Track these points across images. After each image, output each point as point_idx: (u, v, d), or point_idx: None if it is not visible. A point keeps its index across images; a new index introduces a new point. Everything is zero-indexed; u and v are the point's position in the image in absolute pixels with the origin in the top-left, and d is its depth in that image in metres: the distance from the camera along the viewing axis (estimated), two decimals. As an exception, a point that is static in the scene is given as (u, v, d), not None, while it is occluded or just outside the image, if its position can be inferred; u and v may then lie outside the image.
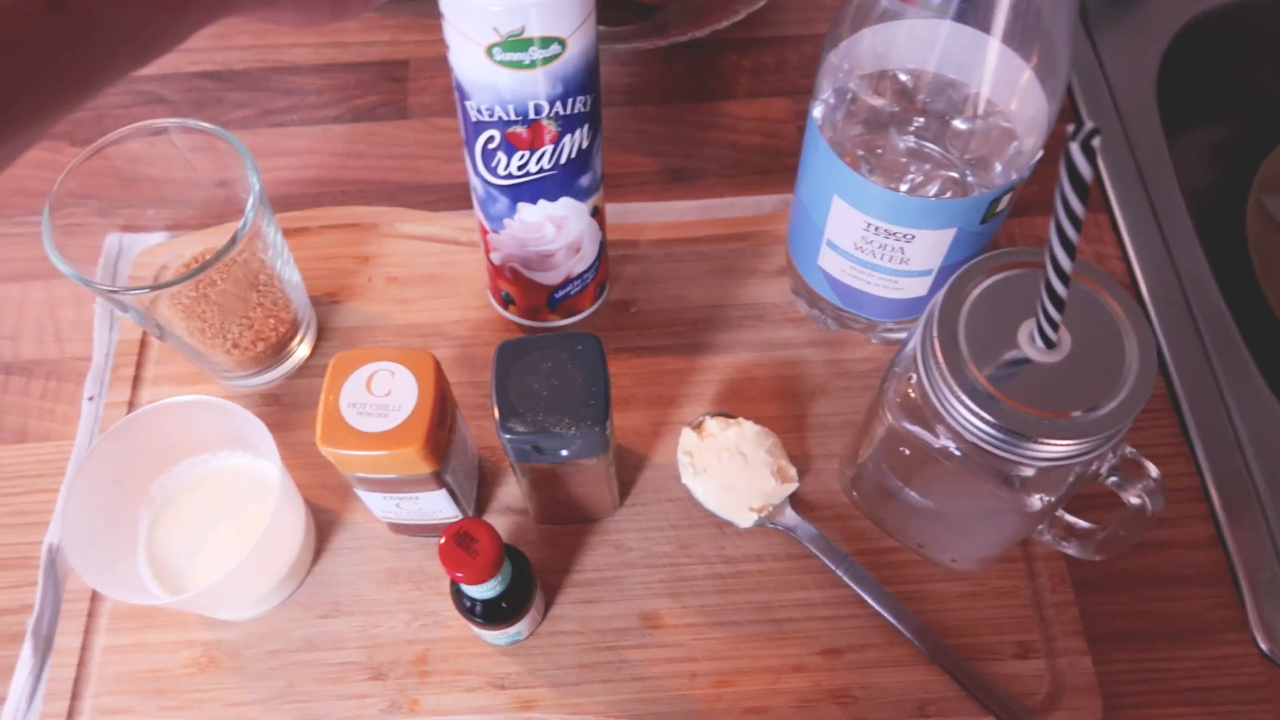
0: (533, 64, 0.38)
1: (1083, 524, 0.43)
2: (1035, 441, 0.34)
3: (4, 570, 0.49)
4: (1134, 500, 0.38)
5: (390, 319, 0.54)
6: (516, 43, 0.37)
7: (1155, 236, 0.58)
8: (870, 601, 0.45)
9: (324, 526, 0.48)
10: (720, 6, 0.60)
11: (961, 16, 0.36)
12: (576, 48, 0.39)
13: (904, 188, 0.42)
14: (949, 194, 0.41)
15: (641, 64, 0.65)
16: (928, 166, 0.40)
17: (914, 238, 0.42)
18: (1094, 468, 0.37)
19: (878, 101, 0.40)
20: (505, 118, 0.40)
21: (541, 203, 0.44)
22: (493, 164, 0.43)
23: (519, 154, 0.42)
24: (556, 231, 0.46)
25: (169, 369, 0.53)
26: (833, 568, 0.46)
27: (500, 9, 0.36)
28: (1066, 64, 0.37)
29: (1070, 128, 0.25)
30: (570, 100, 0.40)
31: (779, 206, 0.57)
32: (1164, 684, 0.45)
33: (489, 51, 0.38)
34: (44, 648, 0.46)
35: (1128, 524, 0.39)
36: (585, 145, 0.43)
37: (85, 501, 0.42)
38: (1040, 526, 0.43)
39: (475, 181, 0.45)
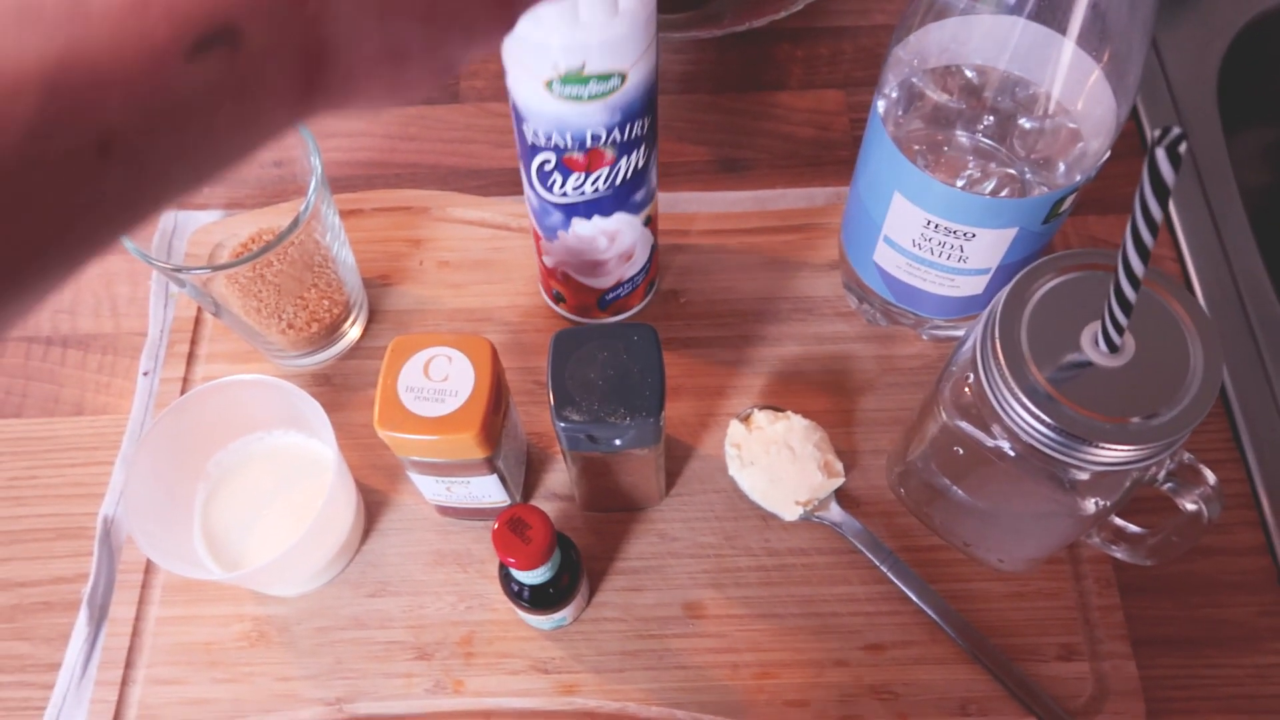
0: (592, 97, 0.38)
1: (1133, 528, 0.43)
2: (1093, 445, 0.34)
3: (61, 540, 0.50)
4: (1190, 507, 0.38)
5: (441, 303, 0.54)
6: (576, 78, 0.37)
7: (1211, 237, 0.57)
8: (914, 598, 0.45)
9: (372, 507, 0.49)
10: (777, -4, 0.60)
11: (1036, 14, 0.36)
12: (637, 77, 0.39)
13: (960, 183, 0.41)
14: (1006, 192, 0.41)
15: (695, 52, 0.64)
16: (992, 165, 0.40)
17: (974, 236, 0.41)
18: (1150, 473, 0.37)
19: (944, 97, 0.40)
20: (562, 144, 0.40)
21: (596, 218, 0.45)
22: (548, 184, 0.43)
23: (575, 176, 0.42)
24: (609, 243, 0.46)
25: (223, 346, 0.54)
26: (877, 563, 0.46)
27: (560, 46, 0.36)
28: (1139, 67, 0.36)
29: (1156, 132, 0.25)
30: (629, 126, 0.40)
31: (831, 199, 0.57)
32: (1208, 691, 0.45)
33: (548, 85, 0.38)
34: (99, 617, 0.47)
35: (1182, 530, 0.39)
36: (641, 165, 0.43)
37: (146, 475, 0.43)
38: (1090, 530, 0.42)
39: (530, 194, 0.45)
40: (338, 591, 0.47)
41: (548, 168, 0.42)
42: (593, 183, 0.42)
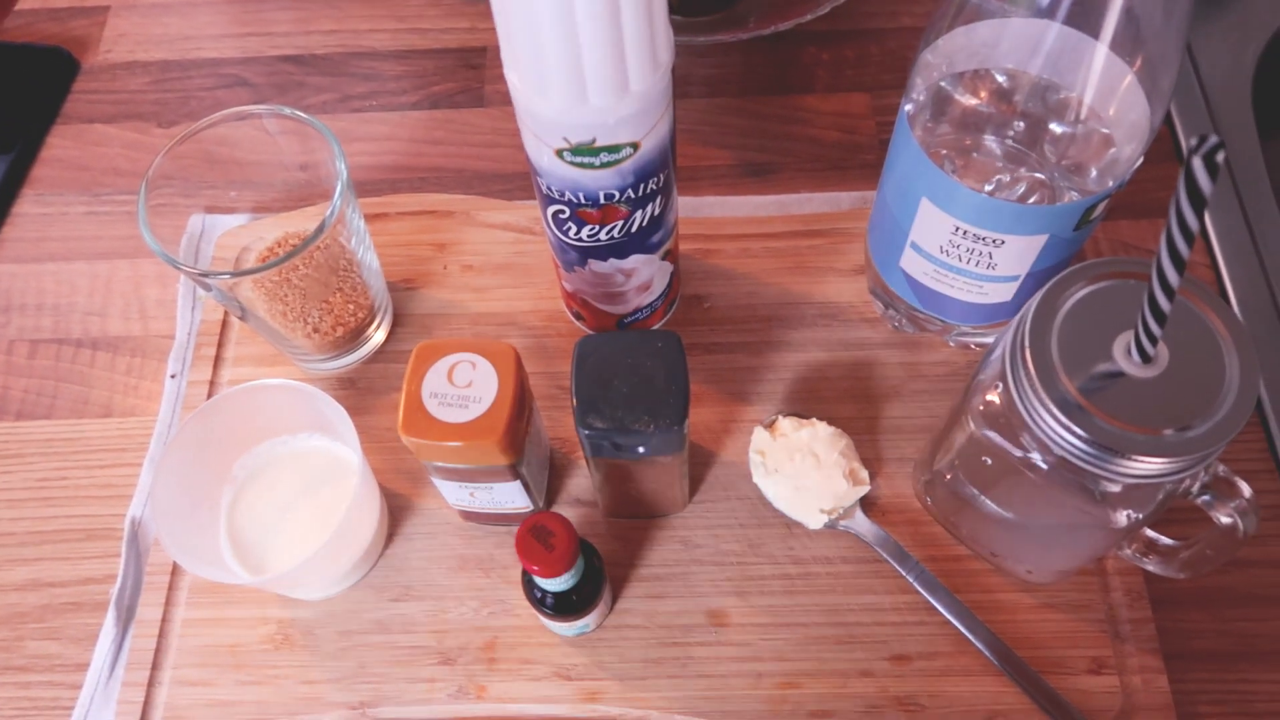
0: (604, 165, 0.38)
1: (1166, 540, 0.42)
2: (1126, 458, 0.33)
3: (90, 540, 0.50)
4: (1225, 520, 0.37)
5: (465, 307, 0.54)
6: (586, 150, 0.37)
7: (1246, 242, 0.56)
8: (940, 609, 0.45)
9: (396, 511, 0.49)
10: (802, -1, 0.59)
11: (1068, 18, 0.35)
12: (650, 144, 0.39)
13: (988, 188, 0.41)
14: (1034, 198, 0.40)
15: (719, 55, 0.64)
16: (1022, 170, 0.39)
17: (1004, 243, 0.41)
18: (1184, 485, 0.36)
19: (973, 101, 0.39)
20: (575, 201, 0.40)
21: (612, 260, 0.44)
22: (564, 229, 0.43)
23: (589, 226, 0.42)
24: (626, 279, 0.46)
25: (249, 350, 0.54)
26: (903, 573, 0.46)
27: (571, 125, 0.36)
28: (1174, 72, 0.36)
29: (1193, 140, 0.25)
30: (642, 185, 0.40)
31: (856, 204, 0.57)
32: (1242, 706, 0.44)
33: (559, 154, 0.38)
34: (126, 618, 0.48)
35: (1216, 544, 0.38)
36: (658, 213, 0.43)
37: (173, 479, 0.43)
38: (1121, 542, 0.42)
39: (547, 231, 0.45)
40: (361, 595, 0.47)
41: (562, 216, 0.42)
42: (608, 232, 0.42)
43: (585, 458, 0.43)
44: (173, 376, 0.54)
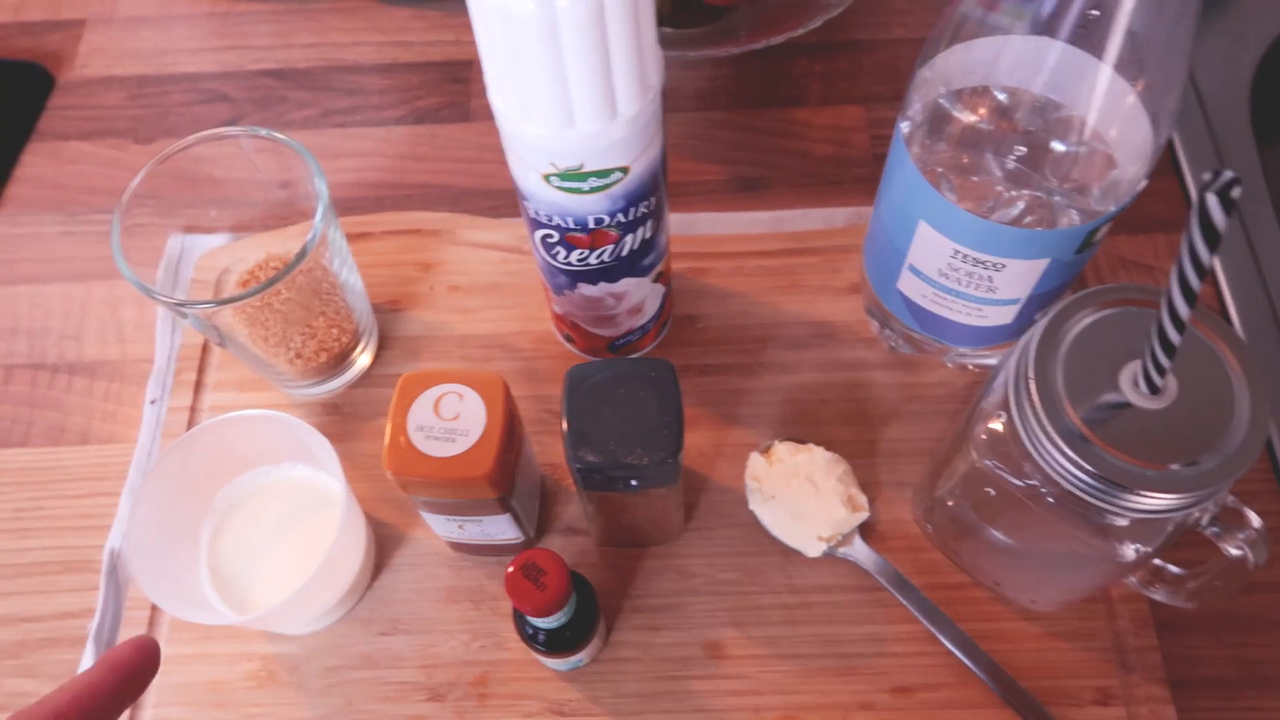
0: (593, 189, 0.37)
1: (1173, 569, 0.41)
2: (1132, 492, 0.32)
3: (67, 573, 0.49)
4: (1234, 551, 0.36)
5: (452, 329, 0.53)
6: (574, 175, 0.36)
7: (1246, 255, 0.55)
8: (942, 639, 0.44)
9: (384, 542, 0.48)
10: (794, 13, 0.58)
11: (1070, 37, 0.34)
12: (640, 168, 0.37)
13: (987, 208, 0.40)
14: (1030, 219, 0.39)
15: (710, 68, 0.63)
16: (1025, 191, 0.38)
17: (1004, 267, 0.40)
18: (1193, 518, 0.35)
19: (972, 119, 0.38)
20: (564, 225, 0.39)
21: (602, 284, 0.43)
22: (552, 253, 0.42)
23: (579, 250, 0.41)
24: (617, 302, 0.45)
25: (231, 374, 0.53)
26: (903, 602, 0.45)
27: (558, 150, 0.35)
28: (1178, 94, 0.35)
29: (1206, 175, 0.24)
30: (633, 209, 0.39)
31: (851, 220, 0.56)
32: (1249, 734, 0.43)
33: (545, 178, 0.37)
34: (105, 654, 0.46)
35: (1225, 575, 0.37)
36: (649, 236, 0.42)
37: (150, 514, 0.42)
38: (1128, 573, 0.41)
39: (535, 255, 0.44)
40: (348, 629, 0.46)
41: (551, 240, 0.41)
42: (598, 256, 0.41)
43: (577, 489, 0.41)
44: (152, 402, 0.53)
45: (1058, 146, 0.38)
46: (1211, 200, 0.24)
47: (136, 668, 0.30)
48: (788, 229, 0.55)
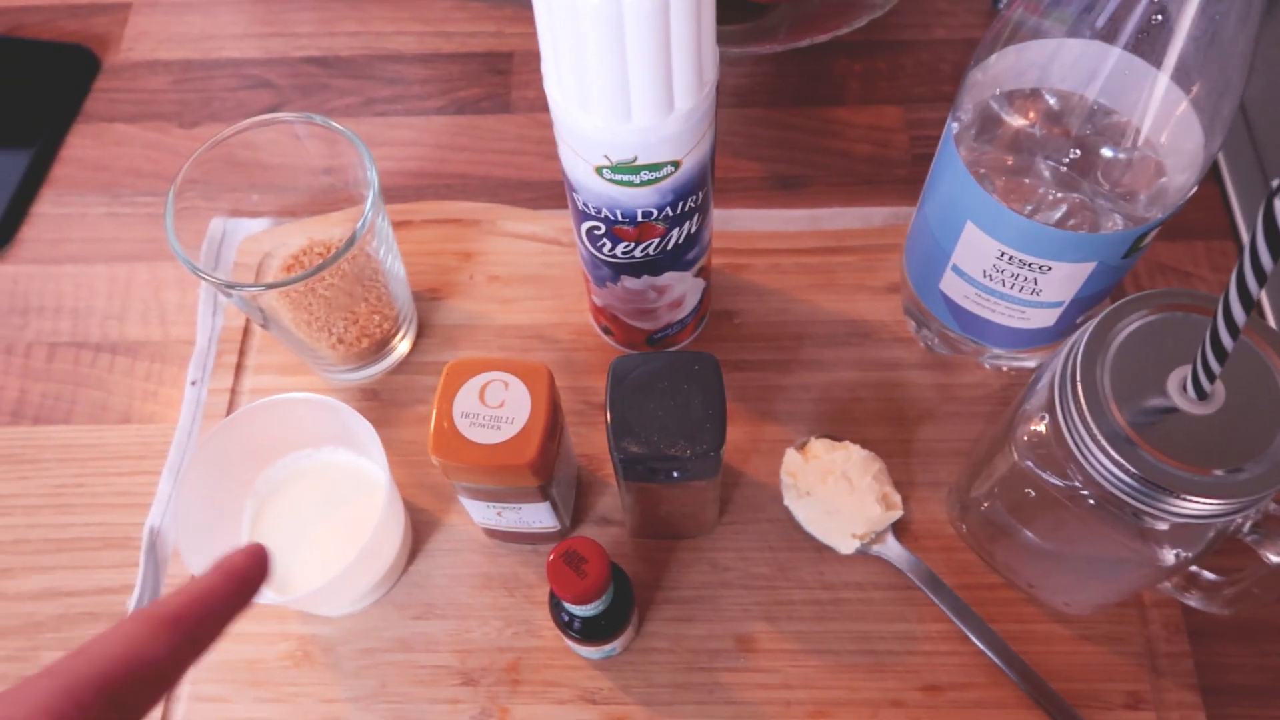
0: (644, 183, 0.37)
1: (1209, 575, 0.41)
2: (1176, 496, 0.32)
3: (107, 549, 0.49)
4: (1275, 559, 0.36)
5: (491, 319, 0.54)
6: (627, 169, 0.36)
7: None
8: (973, 638, 0.44)
9: (420, 527, 0.48)
10: (836, 11, 0.58)
11: (1128, 44, 0.34)
12: (691, 162, 0.38)
13: (1029, 209, 0.40)
14: (1074, 221, 0.40)
15: (751, 65, 0.63)
16: (1074, 196, 0.39)
17: (1050, 269, 0.40)
18: (1235, 524, 0.35)
19: (1023, 123, 0.39)
20: (612, 218, 0.40)
21: (645, 276, 0.44)
22: (598, 245, 0.42)
23: (625, 243, 0.41)
24: (659, 295, 0.45)
25: (271, 358, 0.53)
26: (935, 601, 0.45)
27: (613, 143, 0.35)
28: (1235, 103, 0.35)
29: (1276, 182, 0.24)
30: (681, 203, 0.39)
31: (889, 220, 0.56)
32: (1280, 743, 0.43)
33: (598, 171, 0.37)
34: (144, 630, 0.47)
35: (1264, 583, 0.37)
36: (694, 231, 0.42)
37: (195, 492, 0.43)
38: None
39: (580, 247, 0.44)
40: (383, 612, 0.46)
41: (597, 233, 0.41)
42: (643, 249, 0.41)
43: (617, 479, 0.42)
44: (193, 383, 0.53)
45: (1108, 152, 0.38)
46: (1279, 205, 0.24)
47: (250, 573, 0.29)
48: (825, 227, 0.56)
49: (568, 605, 0.40)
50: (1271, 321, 0.53)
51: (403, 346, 0.52)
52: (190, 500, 0.42)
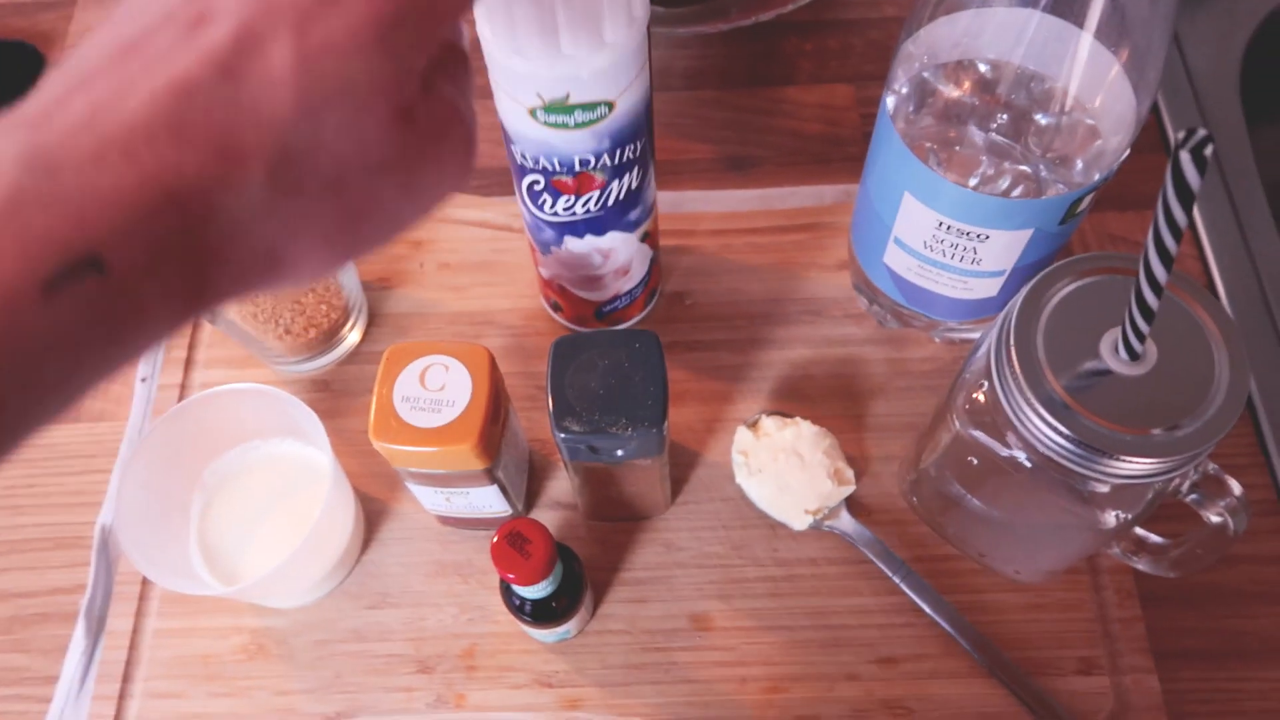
0: (578, 125, 0.37)
1: (1155, 539, 0.41)
2: (1113, 458, 0.32)
3: (58, 549, 0.49)
4: (1214, 519, 0.36)
5: (442, 306, 0.53)
6: (560, 108, 0.36)
7: (1234, 233, 0.55)
8: (927, 610, 0.44)
9: (372, 516, 0.48)
10: (786, -12, 0.58)
11: (1052, 7, 0.34)
12: (625, 105, 0.37)
13: (972, 182, 0.40)
14: (1019, 190, 0.40)
15: (700, 46, 0.63)
16: (1006, 163, 0.39)
17: (988, 238, 0.40)
18: (1173, 484, 0.36)
19: (956, 93, 0.39)
20: (550, 168, 0.39)
21: (589, 236, 0.43)
22: (539, 203, 0.42)
23: (565, 197, 0.41)
24: (604, 259, 0.45)
25: (221, 352, 0.53)
26: (889, 574, 0.45)
27: (545, 78, 0.35)
28: (1160, 61, 0.35)
29: (1180, 133, 0.24)
30: (619, 151, 0.39)
31: (840, 198, 0.56)
32: (1233, 705, 0.44)
33: (531, 113, 0.37)
34: (96, 629, 0.47)
35: (1206, 543, 0.38)
36: (635, 186, 0.42)
37: (139, 486, 0.42)
38: (1111, 541, 0.41)
39: (522, 209, 0.44)
40: (337, 603, 0.46)
41: (537, 188, 0.41)
42: (583, 204, 0.41)
43: (563, 461, 0.42)
44: (143, 380, 0.53)
45: (1040, 118, 0.38)
46: (1185, 158, 0.24)
47: None
48: (776, 206, 0.56)
49: (516, 588, 0.40)
50: (1221, 292, 0.53)
51: (353, 336, 0.52)
52: (135, 493, 0.42)
